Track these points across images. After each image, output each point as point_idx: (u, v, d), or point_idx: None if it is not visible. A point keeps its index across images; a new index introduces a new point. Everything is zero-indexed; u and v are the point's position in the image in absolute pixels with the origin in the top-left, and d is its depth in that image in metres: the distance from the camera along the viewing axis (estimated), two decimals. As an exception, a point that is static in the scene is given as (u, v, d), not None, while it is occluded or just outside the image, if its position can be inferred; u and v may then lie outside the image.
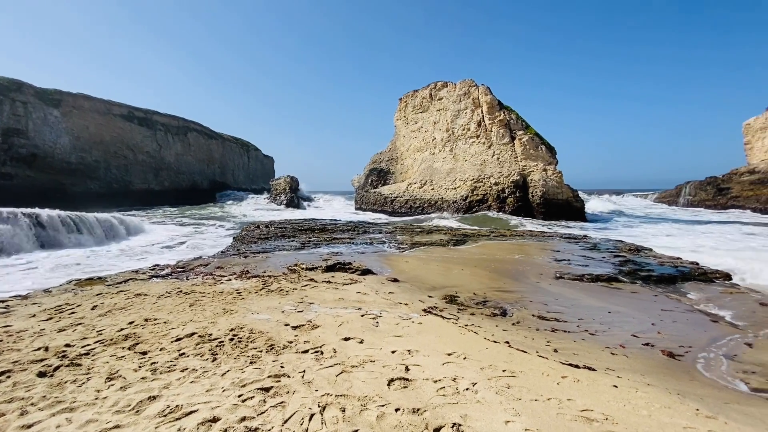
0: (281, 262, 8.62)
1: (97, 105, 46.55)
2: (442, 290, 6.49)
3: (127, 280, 6.78)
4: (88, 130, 45.04)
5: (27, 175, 38.51)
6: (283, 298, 5.49)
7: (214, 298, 5.35)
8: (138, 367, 3.17)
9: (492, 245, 12.05)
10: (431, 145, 33.45)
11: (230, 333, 3.90)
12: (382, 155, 42.35)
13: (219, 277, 6.94)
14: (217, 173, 66.59)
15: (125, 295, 5.60)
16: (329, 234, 14.48)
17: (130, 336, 3.87)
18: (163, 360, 3.29)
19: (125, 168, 49.35)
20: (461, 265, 8.87)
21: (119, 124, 48.93)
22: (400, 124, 38.48)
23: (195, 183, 59.84)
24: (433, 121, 33.55)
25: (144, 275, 7.24)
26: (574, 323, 5.01)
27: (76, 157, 43.71)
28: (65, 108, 42.83)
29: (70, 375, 3.02)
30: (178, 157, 57.55)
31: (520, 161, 26.63)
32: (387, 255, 10.23)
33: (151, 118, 53.87)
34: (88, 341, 3.73)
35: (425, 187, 31.95)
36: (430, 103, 34.27)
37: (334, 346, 3.62)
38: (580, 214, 24.74)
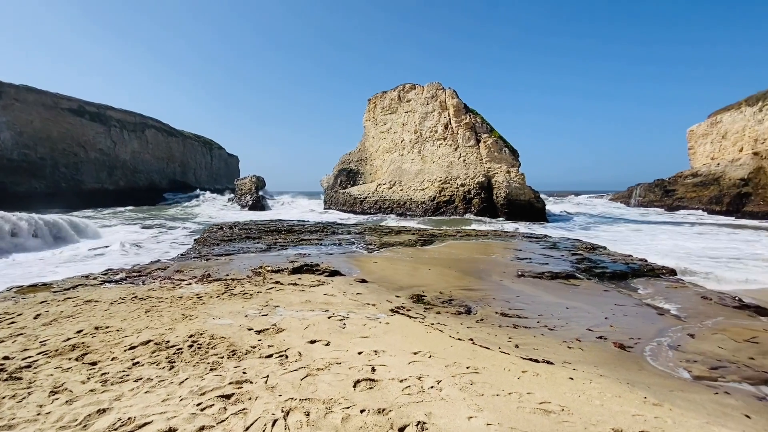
0: (246, 265, 8.37)
1: (43, 98, 43.24)
2: (409, 290, 6.55)
3: (76, 286, 6.33)
4: (32, 125, 41.73)
5: (-40, 173, 35.14)
6: (247, 301, 5.34)
7: (173, 304, 5.11)
8: (86, 378, 2.97)
9: (458, 245, 12.31)
10: (400, 147, 33.74)
11: (189, 339, 3.73)
12: (351, 156, 42.20)
13: (178, 281, 6.63)
14: (178, 172, 63.73)
15: (73, 303, 5.23)
16: (297, 235, 14.23)
17: (78, 346, 3.62)
18: (114, 370, 3.10)
19: (75, 166, 46.16)
20: (429, 264, 8.99)
21: (69, 119, 45.69)
22: (369, 125, 38.52)
23: (153, 182, 56.91)
24: (401, 122, 33.86)
25: (95, 280, 6.79)
26: (535, 319, 5.21)
27: (19, 153, 40.39)
28: (6, 101, 39.49)
29: (8, 390, 2.78)
30: (135, 155, 54.54)
31: (485, 163, 27.42)
32: (355, 256, 10.19)
33: (105, 114, 50.72)
34: (29, 353, 3.45)
35: (394, 187, 32.17)
36: (398, 104, 34.56)
37: (299, 349, 3.56)
38: (541, 215, 25.81)
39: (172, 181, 61.03)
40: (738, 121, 35.97)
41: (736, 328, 5.28)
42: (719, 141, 38.25)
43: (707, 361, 4.28)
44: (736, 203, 33.41)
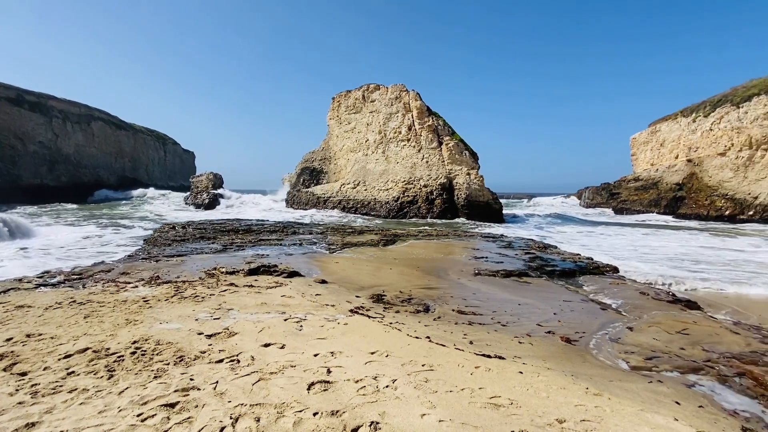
0: (198, 267, 8.00)
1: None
2: (370, 290, 6.55)
3: (8, 290, 5.76)
4: (-43, 113, 37.51)
5: None
6: (198, 305, 5.10)
7: (116, 308, 4.78)
8: (15, 390, 2.71)
9: (420, 245, 12.49)
10: (364, 146, 33.72)
11: (132, 346, 3.50)
12: (314, 154, 41.60)
13: (123, 284, 6.21)
14: (128, 168, 59.83)
15: (3, 308, 4.76)
16: (255, 235, 13.82)
17: (7, 355, 3.29)
18: (46, 381, 2.84)
19: (12, 160, 42.02)
20: (390, 264, 9.04)
21: (5, 108, 41.53)
22: (333, 124, 38.17)
23: (100, 178, 53.03)
24: (366, 122, 33.85)
25: (29, 284, 6.21)
26: (489, 316, 5.40)
27: (-60, 144, 36.15)
28: (-77, 84, 35.17)
29: None
30: (79, 149, 50.54)
31: (446, 165, 28.06)
32: (317, 256, 10.05)
33: (46, 104, 46.58)
34: (-58, 366, 3.08)
35: (359, 187, 32.10)
36: (363, 104, 34.52)
37: (252, 353, 3.45)
38: (498, 215, 26.82)
39: (121, 178, 57.12)
40: (674, 130, 39.33)
41: (669, 321, 5.75)
42: (658, 148, 41.62)
43: (643, 352, 4.62)
44: (672, 206, 36.51)
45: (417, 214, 27.29)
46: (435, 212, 26.69)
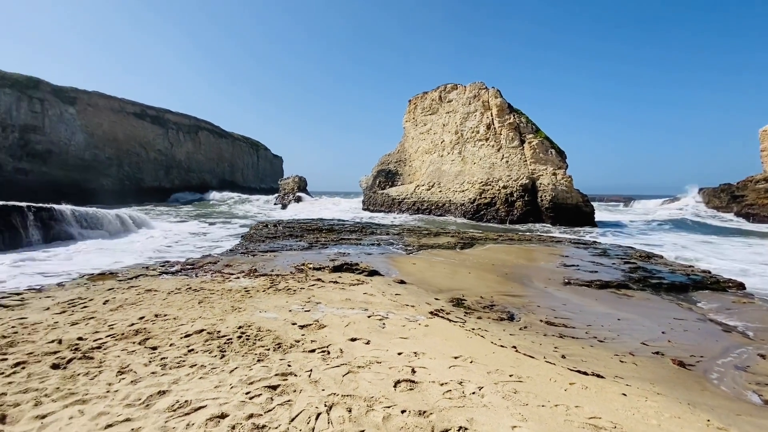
0: (289, 262, 8.68)
1: (111, 103, 47.39)
2: (448, 293, 6.47)
3: (138, 276, 6.88)
4: (102, 128, 45.86)
5: (42, 171, 39.29)
6: (291, 297, 5.53)
7: (223, 296, 5.41)
8: (148, 361, 3.22)
9: (500, 249, 11.98)
10: (440, 148, 33.39)
11: (238, 330, 3.93)
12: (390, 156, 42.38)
13: (227, 275, 7.01)
14: (227, 172, 67.26)
15: (136, 291, 5.69)
16: (336, 234, 14.54)
17: (141, 331, 3.93)
18: (172, 356, 3.33)
19: (137, 165, 50.13)
20: (468, 268, 8.83)
21: (132, 122, 49.74)
22: (408, 126, 38.48)
23: (204, 181, 60.50)
24: (442, 123, 33.49)
25: (154, 271, 7.34)
26: (583, 329, 4.96)
27: (90, 154, 44.51)
28: (80, 106, 43.66)
29: (82, 368, 3.08)
30: (189, 156, 58.30)
31: (529, 165, 26.45)
32: (394, 256, 10.23)
33: (163, 117, 54.67)
34: (99, 335, 3.79)
35: (433, 189, 31.89)
36: (439, 105, 34.23)
37: (340, 346, 3.63)
38: (589, 220, 24.48)
39: (221, 181, 64.54)
40: (824, 119, 31.99)
41: (819, 351, 4.71)
42: (800, 142, 34.24)
43: (783, 386, 3.86)
44: (821, 212, 29.75)
45: (495, 217, 26.18)
46: (515, 215, 25.34)
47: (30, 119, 38.59)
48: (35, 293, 5.67)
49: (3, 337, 3.72)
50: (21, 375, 2.95)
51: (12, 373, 2.97)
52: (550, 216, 24.56)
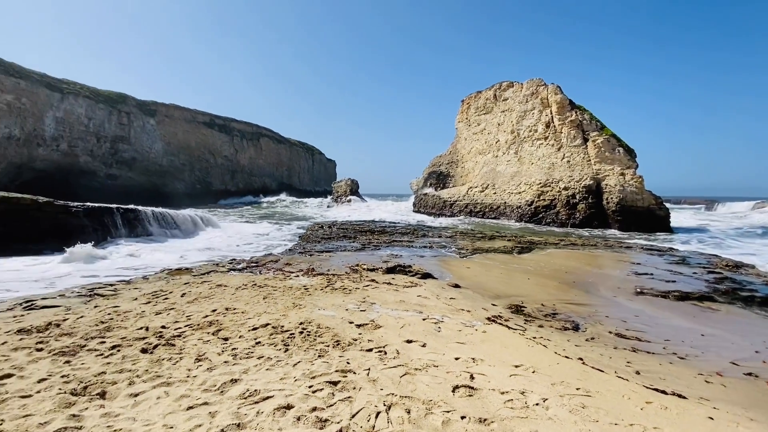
0: (343, 262, 8.92)
1: (184, 114, 52.10)
2: (506, 299, 6.25)
3: (210, 272, 7.48)
4: (177, 137, 50.55)
5: (128, 176, 44.20)
6: (347, 296, 5.68)
7: (285, 293, 5.71)
8: (221, 351, 3.49)
9: (561, 254, 11.33)
10: (494, 148, 32.37)
11: (300, 326, 4.13)
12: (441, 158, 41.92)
13: (288, 273, 7.38)
14: (285, 175, 70.78)
15: (208, 285, 6.19)
16: (389, 236, 14.67)
17: (214, 323, 4.26)
18: (242, 347, 3.58)
19: (206, 170, 54.52)
20: (527, 273, 8.46)
21: (202, 130, 54.22)
22: (461, 127, 37.79)
23: (265, 185, 64.21)
24: (496, 122, 32.46)
25: (223, 268, 7.93)
26: (659, 344, 4.53)
27: (167, 160, 49.23)
28: (159, 117, 48.51)
29: (166, 353, 3.42)
30: (252, 161, 62.26)
31: (593, 165, 24.69)
32: (447, 260, 10.10)
33: (229, 125, 58.97)
34: (179, 324, 4.18)
35: (487, 190, 30.97)
36: (494, 104, 33.21)
37: (396, 347, 3.66)
38: (663, 224, 22.23)
39: (280, 184, 68.09)
40: None
41: None
42: None
43: None
44: None
45: (555, 221, 24.77)
46: (578, 218, 23.77)
47: (118, 131, 43.61)
48: (125, 284, 6.39)
49: (101, 322, 4.24)
50: (117, 357, 3.34)
51: (109, 355, 3.38)
52: (617, 220, 22.72)
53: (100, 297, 5.50)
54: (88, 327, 4.06)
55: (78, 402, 2.58)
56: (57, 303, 5.09)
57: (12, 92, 33.06)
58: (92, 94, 41.38)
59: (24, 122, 34.09)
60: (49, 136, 36.47)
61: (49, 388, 2.74)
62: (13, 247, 8.80)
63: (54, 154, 36.91)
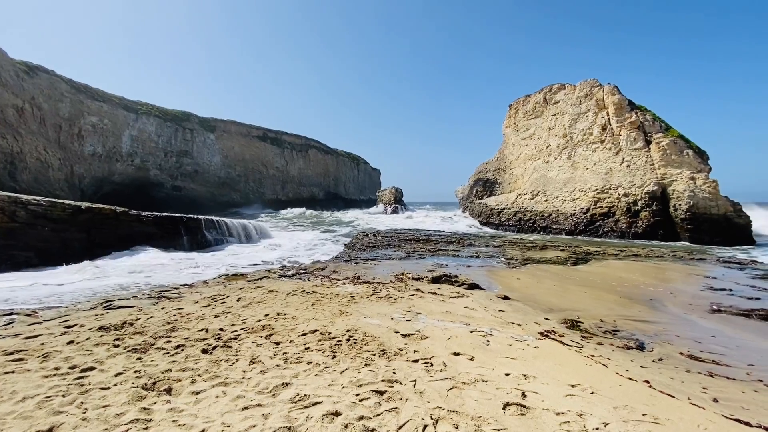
0: (388, 271, 8.96)
1: (240, 128, 55.65)
2: (560, 313, 5.92)
3: (262, 278, 7.85)
4: (233, 150, 54.05)
5: (191, 188, 47.88)
6: (392, 305, 5.69)
7: (332, 300, 5.84)
8: (273, 355, 3.64)
9: (622, 266, 10.54)
10: (545, 153, 31.04)
11: (346, 334, 4.19)
12: (488, 165, 40.89)
13: (335, 280, 7.54)
14: (331, 185, 72.83)
15: (261, 291, 6.50)
16: (433, 245, 14.52)
17: (266, 327, 4.46)
18: (292, 351, 3.70)
19: (260, 181, 57.65)
20: (583, 286, 7.96)
21: (256, 144, 57.50)
22: (509, 132, 36.71)
23: (313, 194, 66.54)
24: (547, 126, 31.14)
25: (274, 275, 8.29)
26: (742, 369, 4.03)
27: (225, 172, 52.74)
28: (218, 132, 52.22)
29: (224, 354, 3.62)
30: (301, 172, 64.89)
31: (657, 169, 22.78)
32: (495, 270, 9.80)
33: (280, 138, 62.02)
34: (235, 327, 4.42)
35: (537, 198, 29.68)
36: (544, 107, 31.93)
37: (443, 359, 3.60)
38: (744, 234, 19.87)
39: (327, 193, 70.21)
40: None
41: None
42: None
43: None
44: None
45: (613, 230, 23.10)
46: (640, 227, 21.98)
47: (183, 146, 47.51)
48: (188, 288, 6.89)
49: (168, 323, 4.60)
50: (181, 356, 3.59)
51: (174, 353, 3.65)
52: (687, 229, 20.71)
53: (166, 299, 5.97)
54: (156, 327, 4.42)
55: (148, 396, 2.81)
56: (131, 304, 5.59)
57: (96, 114, 37.32)
58: (161, 114, 45.58)
59: (105, 140, 38.27)
60: (125, 153, 40.63)
61: (123, 382, 3.01)
62: (95, 252, 9.84)
63: (129, 168, 41.01)
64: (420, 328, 4.57)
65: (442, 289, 7.04)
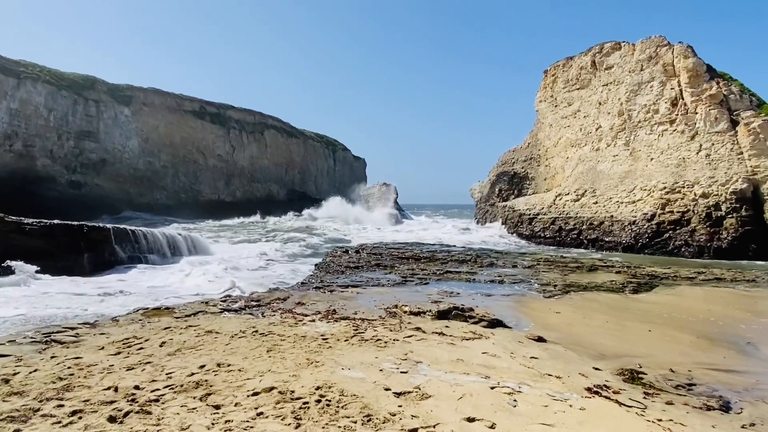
0: (376, 302, 9.00)
1: (168, 101, 55.48)
2: (615, 360, 6.04)
3: (197, 313, 7.80)
4: (157, 131, 53.82)
5: (96, 184, 47.43)
6: (381, 351, 5.71)
7: (296, 344, 5.83)
8: (211, 423, 3.60)
9: (700, 294, 10.80)
10: (594, 138, 31.59)
11: (316, 392, 4.18)
12: (515, 153, 41.49)
13: (300, 315, 7.55)
14: (297, 180, 72.89)
15: (195, 332, 6.45)
16: (440, 265, 14.63)
17: (202, 383, 4.42)
18: (239, 419, 3.68)
19: (194, 175, 57.40)
20: (647, 322, 8.17)
21: (190, 122, 57.36)
22: (544, 108, 37.30)
23: (271, 193, 66.48)
24: (596, 101, 31.73)
25: (215, 308, 8.25)
26: None
27: (144, 162, 52.41)
28: (136, 106, 51.96)
29: (140, 424, 3.58)
30: (253, 161, 64.82)
31: (747, 160, 23.35)
32: (526, 301, 9.95)
33: (225, 114, 62.01)
34: (157, 385, 4.38)
35: (584, 199, 30.14)
36: (592, 74, 32.55)
37: (453, 427, 3.62)
38: None
39: (290, 192, 70.24)
40: None
41: None
42: None
43: None
44: None
45: (688, 244, 23.55)
46: (724, 240, 22.45)
47: (85, 124, 47.15)
48: (89, 328, 6.80)
49: (60, 378, 4.53)
50: (78, 426, 3.54)
51: (69, 423, 3.59)
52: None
53: (58, 344, 5.87)
54: (43, 384, 4.34)
55: (28, 486, 2.76)
56: (5, 351, 5.49)
57: (-45, 78, 36.85)
58: (54, 79, 45.17)
59: (-31, 116, 37.79)
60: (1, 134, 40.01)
61: (-7, 466, 2.95)
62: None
63: (7, 156, 40.43)
64: (420, 383, 4.59)
65: (452, 328, 7.11)
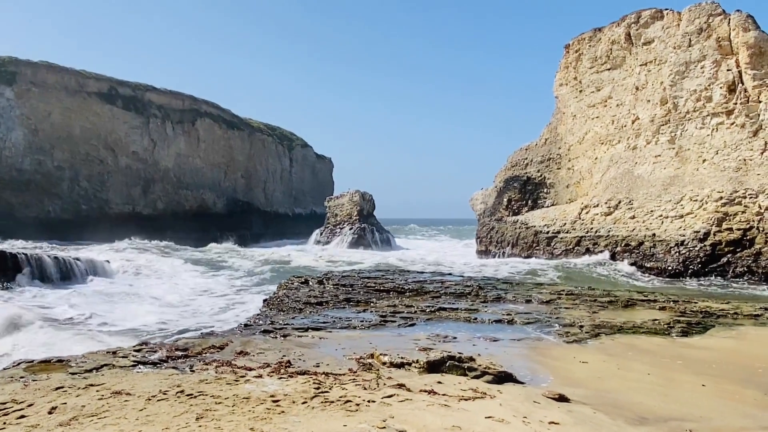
0: (345, 350, 8.92)
1: (65, 79, 54.67)
2: (660, 425, 6.09)
3: (101, 367, 7.59)
4: (50, 119, 52.89)
5: (-37, 191, 46.32)
6: (351, 417, 5.63)
7: (236, 408, 5.71)
8: None
9: (766, 337, 10.99)
10: (630, 133, 32.20)
11: (264, 476, 4.10)
12: (529, 153, 41.98)
13: (242, 369, 7.40)
14: (240, 186, 72.37)
15: (98, 393, 6.28)
16: (431, 300, 14.63)
17: (106, 467, 4.31)
18: None
19: (100, 179, 56.50)
20: (699, 374, 8.28)
21: (95, 107, 56.55)
22: (566, 94, 37.87)
23: (204, 204, 65.81)
24: (633, 85, 32.41)
25: (125, 359, 8.05)
26: None
27: (32, 161, 51.42)
28: (21, 85, 51.08)
29: None
30: (181, 161, 64.20)
31: (826, 162, 24.18)
32: (543, 347, 10.03)
33: (143, 97, 61.33)
34: (44, 469, 4.24)
35: (618, 212, 30.62)
36: (626, 51, 33.24)
37: None
38: None
39: (231, 202, 69.61)
40: None
41: None
42: None
43: None
44: None
45: (752, 271, 24.11)
46: (797, 265, 23.09)
47: (-49, 110, 46.15)
48: (-49, 390, 6.57)
49: None
50: None
51: None
52: None
53: None
54: None
55: None
56: None
57: None
58: None
59: None
60: None
61: None
62: None
63: None
64: (404, 459, 4.55)
65: (446, 385, 7.05)
